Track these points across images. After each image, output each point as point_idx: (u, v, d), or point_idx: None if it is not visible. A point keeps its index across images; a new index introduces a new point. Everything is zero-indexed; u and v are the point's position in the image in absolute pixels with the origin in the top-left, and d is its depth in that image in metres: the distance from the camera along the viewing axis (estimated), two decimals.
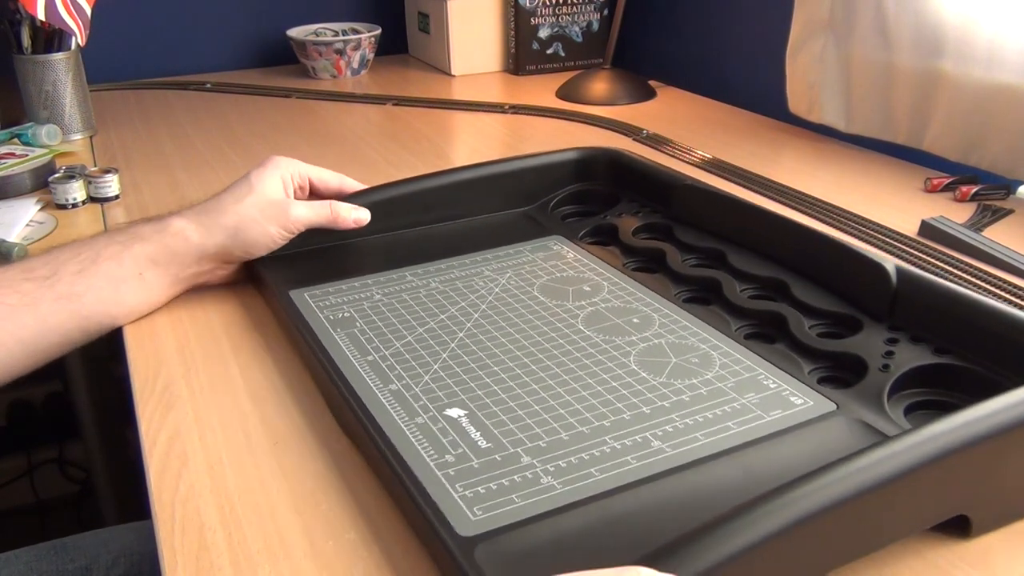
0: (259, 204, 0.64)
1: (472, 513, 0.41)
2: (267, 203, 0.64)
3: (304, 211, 0.66)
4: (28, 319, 0.55)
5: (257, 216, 0.64)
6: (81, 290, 0.57)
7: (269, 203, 0.65)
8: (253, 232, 0.64)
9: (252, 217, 0.64)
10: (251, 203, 0.64)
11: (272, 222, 0.64)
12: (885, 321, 0.55)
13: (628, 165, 0.79)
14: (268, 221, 0.64)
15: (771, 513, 0.35)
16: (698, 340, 0.56)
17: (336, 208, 0.68)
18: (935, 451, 0.38)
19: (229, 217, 0.63)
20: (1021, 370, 0.44)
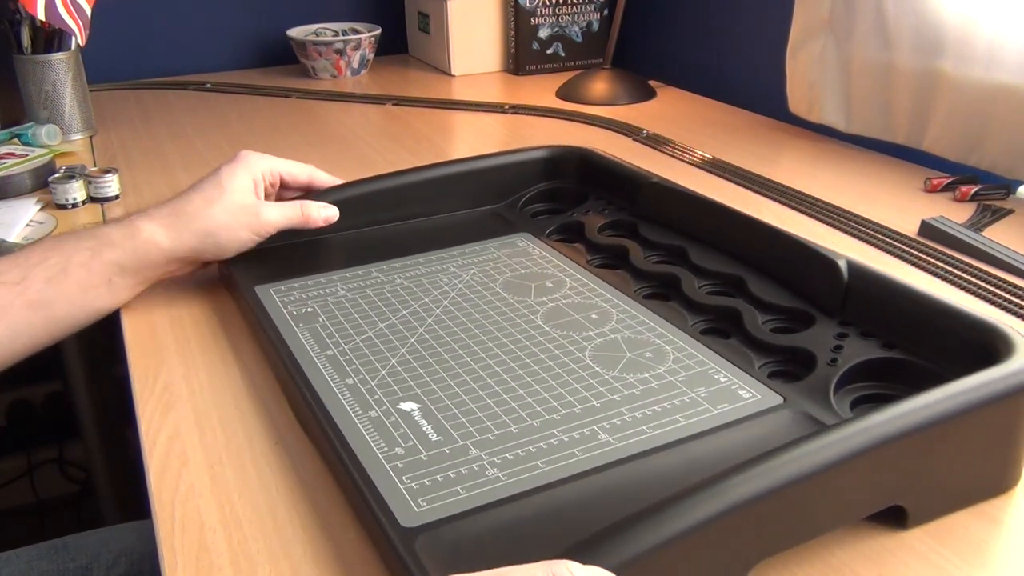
0: (230, 208, 0.64)
1: (416, 504, 0.42)
2: (238, 207, 0.64)
3: (275, 214, 0.66)
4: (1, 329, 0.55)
5: (229, 221, 0.63)
6: (51, 297, 0.57)
7: (240, 207, 0.64)
8: (224, 236, 0.64)
9: (223, 223, 0.63)
10: (222, 207, 0.63)
11: (244, 227, 0.64)
12: (836, 316, 0.56)
13: (596, 163, 0.79)
14: (239, 225, 0.64)
15: (701, 502, 0.36)
16: (654, 335, 0.57)
17: (307, 209, 0.68)
18: (868, 441, 0.39)
19: (200, 221, 0.63)
20: (966, 364, 0.45)
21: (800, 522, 0.40)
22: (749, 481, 0.37)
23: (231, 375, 0.57)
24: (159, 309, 0.65)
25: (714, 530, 0.36)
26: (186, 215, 0.63)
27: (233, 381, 0.56)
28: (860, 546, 0.42)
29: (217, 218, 0.63)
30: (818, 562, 0.41)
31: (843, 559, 0.41)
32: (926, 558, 0.42)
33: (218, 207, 0.63)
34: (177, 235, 0.62)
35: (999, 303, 0.65)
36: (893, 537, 0.43)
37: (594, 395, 0.51)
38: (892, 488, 0.42)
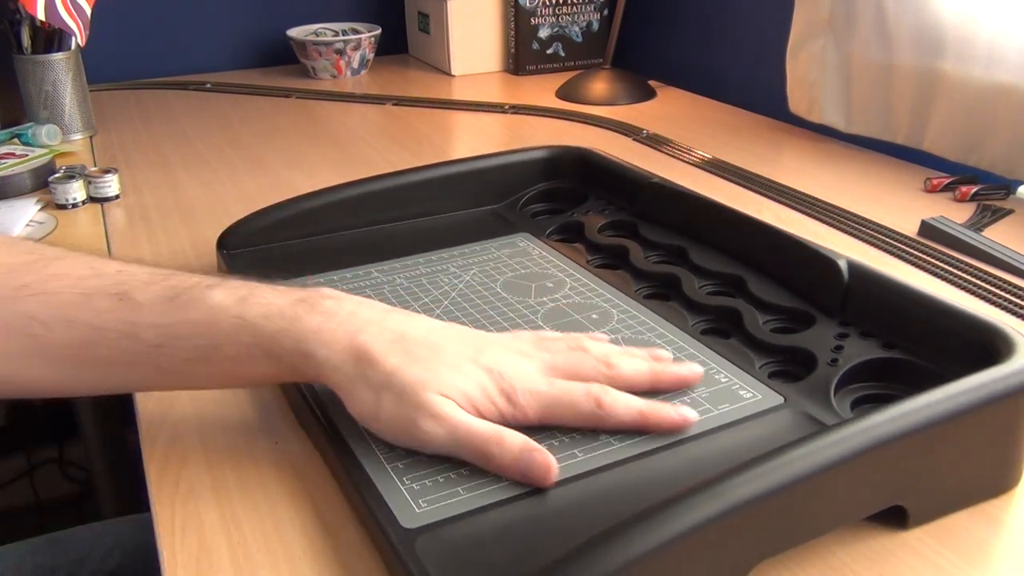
0: None
1: (417, 505, 0.42)
2: None
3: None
4: (116, 376, 0.48)
5: None
6: (182, 375, 0.48)
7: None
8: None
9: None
10: None
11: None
12: (837, 316, 0.56)
13: (596, 163, 0.79)
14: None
15: (702, 503, 0.36)
16: (654, 336, 0.57)
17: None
18: (869, 441, 0.39)
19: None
20: (966, 364, 0.45)
21: (801, 522, 0.40)
22: (750, 481, 0.37)
23: None
24: None
25: (715, 531, 0.36)
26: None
27: None
28: (860, 546, 0.42)
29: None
30: (818, 562, 0.41)
31: (843, 559, 0.41)
32: (926, 558, 0.42)
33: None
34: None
35: (999, 303, 0.65)
36: (893, 537, 0.43)
37: None
38: (892, 488, 0.42)
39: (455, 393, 0.45)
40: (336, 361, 0.45)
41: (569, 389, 0.46)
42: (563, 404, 0.46)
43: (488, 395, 0.45)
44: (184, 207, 0.86)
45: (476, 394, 0.45)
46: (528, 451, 0.43)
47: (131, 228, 0.82)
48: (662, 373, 0.50)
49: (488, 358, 0.46)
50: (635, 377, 0.49)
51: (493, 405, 0.45)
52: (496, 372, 0.46)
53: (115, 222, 0.83)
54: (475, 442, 0.44)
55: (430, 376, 0.44)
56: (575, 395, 0.46)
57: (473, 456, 0.44)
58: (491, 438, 0.43)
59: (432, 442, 0.44)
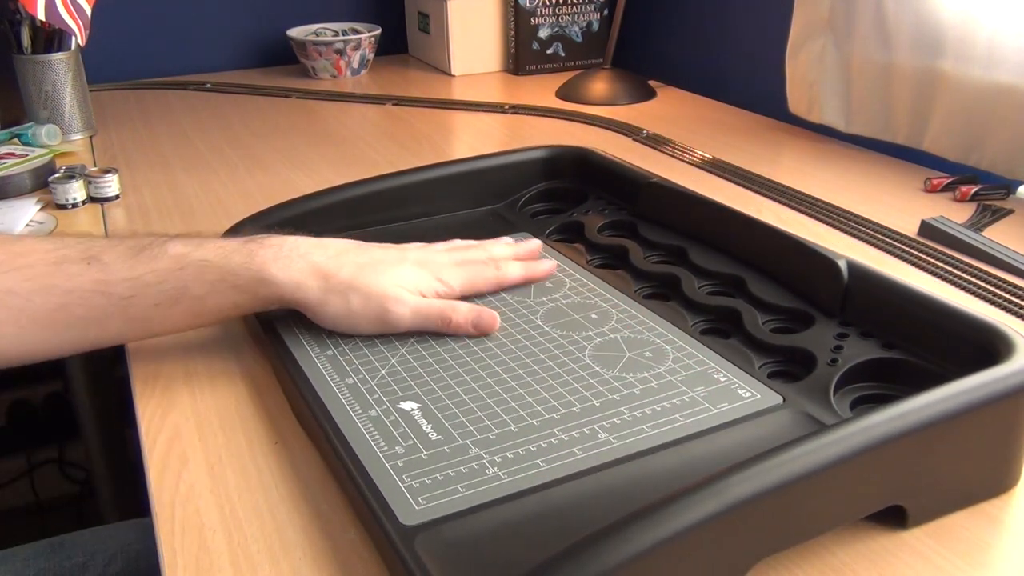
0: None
1: (416, 503, 0.42)
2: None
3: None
4: (92, 332, 0.53)
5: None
6: (155, 321, 0.54)
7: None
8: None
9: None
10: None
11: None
12: (837, 316, 0.56)
13: (596, 163, 0.79)
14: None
15: (700, 501, 0.36)
16: (653, 335, 0.57)
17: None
18: (868, 441, 0.39)
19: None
20: (966, 364, 0.45)
21: (800, 522, 0.40)
22: (748, 480, 0.37)
23: (231, 375, 0.57)
24: None
25: (713, 529, 0.36)
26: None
27: (233, 381, 0.56)
28: (860, 546, 0.42)
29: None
30: (818, 562, 0.41)
31: (843, 559, 0.41)
32: (926, 558, 0.42)
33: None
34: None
35: (999, 303, 0.65)
36: (893, 537, 0.43)
37: (594, 394, 0.51)
38: (892, 488, 0.42)
39: (405, 283, 0.57)
40: (298, 280, 0.54)
41: (475, 265, 0.62)
42: (477, 275, 0.61)
43: (426, 281, 0.58)
44: (184, 207, 0.86)
45: (419, 282, 0.58)
46: (476, 309, 0.57)
47: (131, 228, 0.82)
48: (520, 251, 0.66)
49: (413, 256, 0.59)
50: (505, 254, 0.65)
51: (431, 288, 0.58)
52: (423, 264, 0.59)
53: (115, 222, 0.83)
54: (434, 312, 0.56)
55: (382, 276, 0.56)
56: (480, 267, 0.62)
57: (435, 323, 0.56)
58: (446, 306, 0.57)
59: (401, 322, 0.56)
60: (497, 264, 0.62)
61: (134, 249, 0.53)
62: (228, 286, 0.54)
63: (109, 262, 0.52)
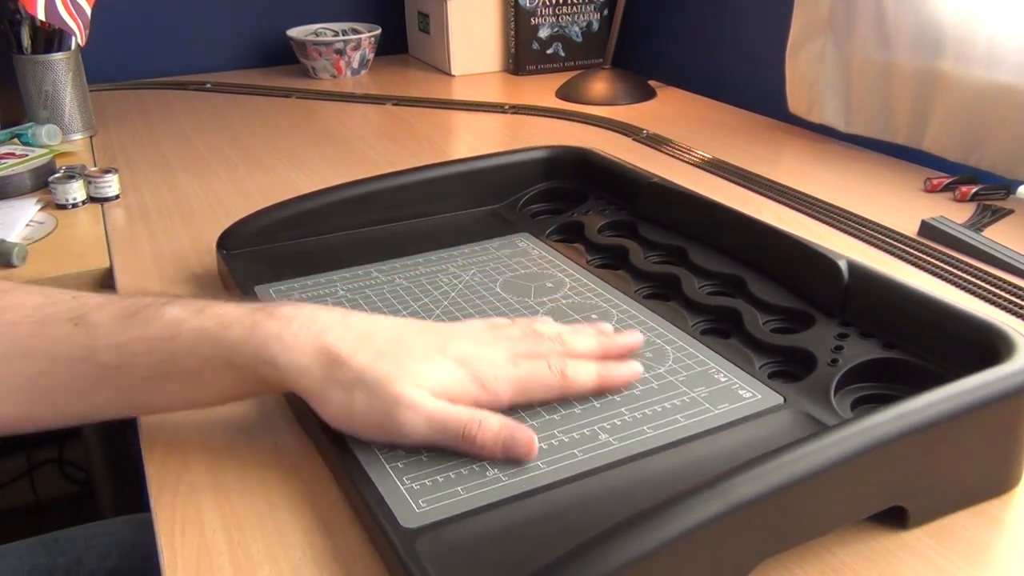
0: None
1: (417, 505, 0.42)
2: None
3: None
4: (79, 403, 0.47)
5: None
6: (144, 393, 0.47)
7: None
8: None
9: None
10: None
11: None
12: (837, 316, 0.56)
13: (596, 163, 0.79)
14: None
15: (702, 503, 0.36)
16: (654, 335, 0.57)
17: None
18: (869, 441, 0.39)
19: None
20: (966, 364, 0.45)
21: (801, 523, 0.40)
22: (750, 482, 0.37)
23: None
24: None
25: (716, 531, 0.36)
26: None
27: None
28: (860, 546, 0.42)
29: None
30: (818, 562, 0.41)
31: (843, 559, 0.41)
32: (926, 558, 0.42)
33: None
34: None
35: (999, 303, 0.65)
36: (893, 537, 0.43)
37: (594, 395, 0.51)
38: (893, 488, 0.42)
39: (429, 384, 0.45)
40: (301, 365, 0.45)
41: (535, 367, 0.48)
42: (532, 381, 0.48)
43: (461, 384, 0.46)
44: (184, 207, 0.86)
45: (450, 383, 0.46)
46: (508, 428, 0.45)
47: (131, 228, 0.82)
48: (610, 345, 0.53)
49: (455, 349, 0.47)
50: (588, 350, 0.51)
51: (467, 393, 0.46)
52: (464, 361, 0.47)
53: (115, 222, 0.83)
54: (454, 425, 0.44)
55: (402, 370, 0.45)
56: (541, 371, 0.48)
57: (454, 441, 0.44)
58: (470, 420, 0.45)
59: (412, 433, 0.44)
60: (564, 367, 0.49)
61: (127, 310, 0.46)
62: (223, 363, 0.45)
63: (97, 324, 0.46)
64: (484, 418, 0.45)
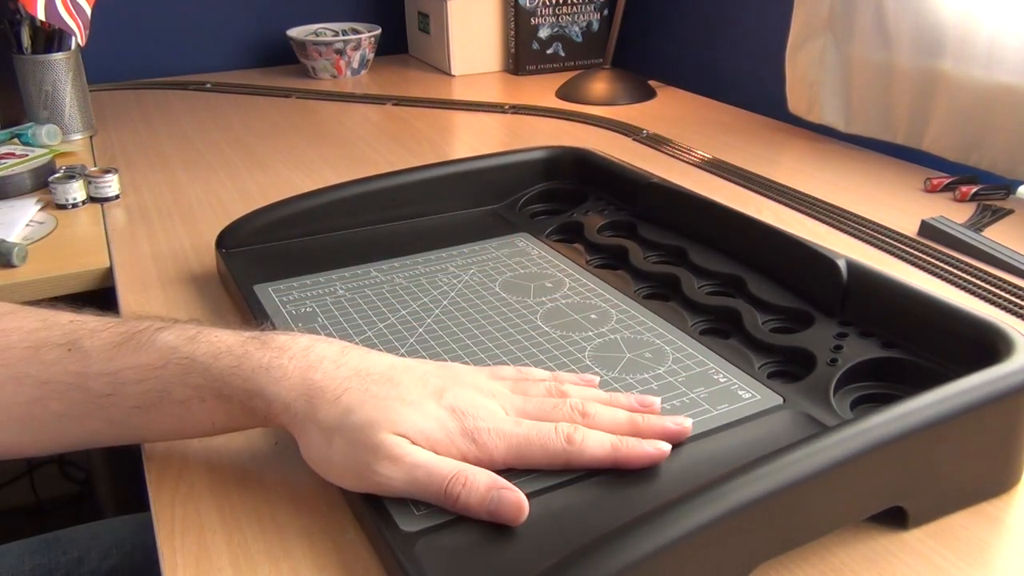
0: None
1: (417, 508, 0.42)
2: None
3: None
4: (73, 431, 0.46)
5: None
6: (135, 423, 0.46)
7: None
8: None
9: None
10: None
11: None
12: (836, 316, 0.56)
13: (595, 164, 0.79)
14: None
15: (702, 505, 0.36)
16: (653, 336, 0.57)
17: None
18: (869, 442, 0.39)
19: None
20: (966, 363, 0.45)
21: (801, 524, 0.40)
22: (750, 484, 0.37)
23: None
24: (158, 309, 0.65)
25: (716, 533, 0.36)
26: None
27: None
28: (860, 546, 0.42)
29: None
30: (818, 562, 0.41)
31: (843, 559, 0.41)
32: (926, 559, 0.42)
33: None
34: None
35: (999, 303, 0.65)
36: (893, 538, 0.43)
37: None
38: (892, 489, 0.42)
39: (413, 433, 0.42)
40: (286, 399, 0.43)
41: (539, 428, 0.43)
42: (532, 445, 0.43)
43: (449, 436, 0.42)
44: (184, 207, 0.86)
45: (437, 434, 0.42)
46: (496, 489, 0.40)
47: (131, 228, 0.82)
48: (643, 427, 0.45)
49: (452, 396, 0.44)
50: (613, 427, 0.45)
51: (454, 446, 0.42)
52: (460, 412, 0.43)
53: (115, 222, 0.83)
54: (436, 483, 0.41)
55: (386, 415, 0.42)
56: (545, 434, 0.43)
57: (435, 498, 0.41)
58: (455, 477, 0.41)
59: (390, 486, 0.41)
60: (572, 432, 0.43)
61: (121, 336, 0.45)
62: (212, 393, 0.43)
63: (89, 350, 0.44)
64: (471, 475, 0.41)
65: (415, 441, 0.42)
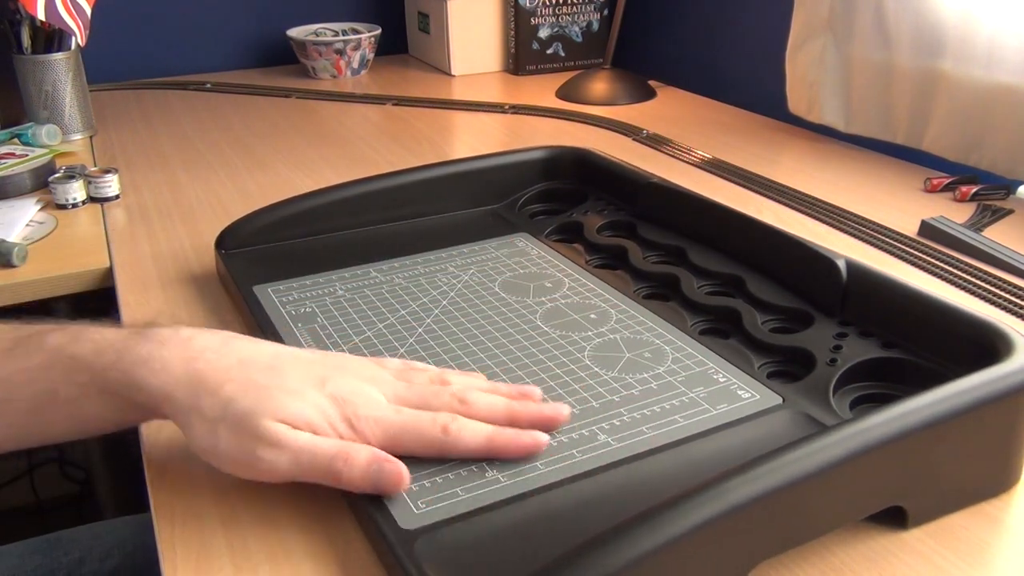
0: None
1: (416, 506, 0.42)
2: None
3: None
4: None
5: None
6: (33, 426, 0.46)
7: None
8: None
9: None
10: None
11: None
12: (836, 316, 0.56)
13: (595, 163, 0.79)
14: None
15: (701, 504, 0.36)
16: (653, 335, 0.57)
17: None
18: (868, 442, 0.39)
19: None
20: (966, 364, 0.45)
21: (800, 523, 0.40)
22: (749, 482, 0.37)
23: None
24: (158, 309, 0.65)
25: (714, 532, 0.36)
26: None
27: None
28: (860, 546, 0.42)
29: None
30: (818, 562, 0.41)
31: (843, 559, 0.41)
32: (926, 558, 0.42)
33: None
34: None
35: (999, 303, 0.65)
36: (893, 538, 0.43)
37: (593, 396, 0.51)
38: (892, 489, 0.42)
39: (294, 420, 0.43)
40: (168, 391, 0.43)
41: (416, 416, 0.45)
42: (408, 432, 0.44)
43: (329, 422, 0.43)
44: (184, 207, 0.86)
45: (317, 420, 0.43)
46: (377, 461, 0.42)
47: (131, 228, 0.82)
48: (519, 412, 0.47)
49: (333, 385, 0.45)
50: (489, 413, 0.46)
51: (334, 432, 0.43)
52: (340, 399, 0.44)
53: (115, 222, 0.83)
54: (320, 463, 0.42)
55: (268, 404, 0.42)
56: (422, 423, 0.45)
57: (320, 476, 0.42)
58: (336, 455, 0.42)
59: (276, 471, 0.42)
60: (448, 422, 0.45)
61: (12, 342, 0.46)
62: (97, 390, 0.44)
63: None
64: (352, 452, 0.42)
65: (296, 427, 0.43)
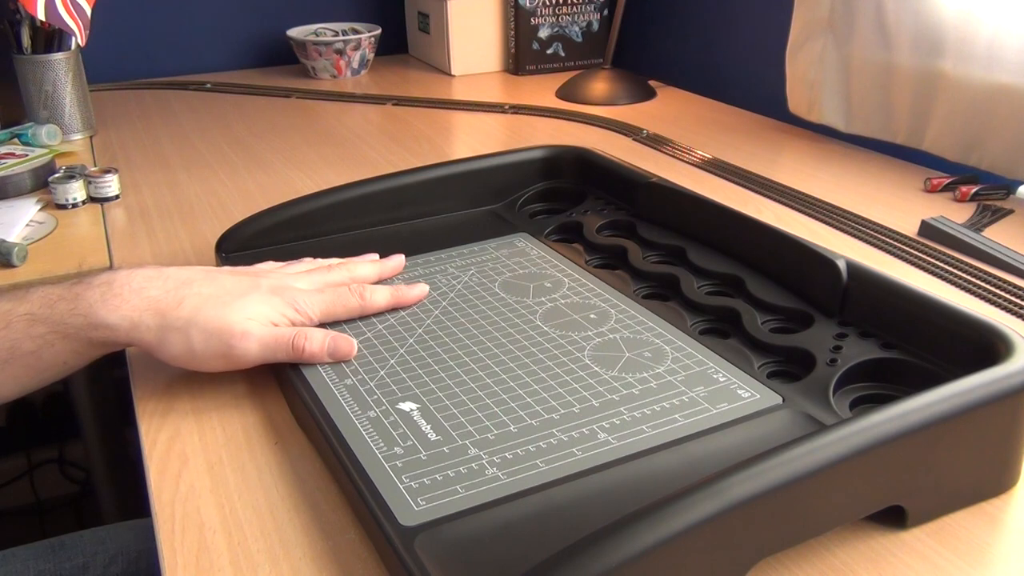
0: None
1: (416, 503, 0.42)
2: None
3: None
4: None
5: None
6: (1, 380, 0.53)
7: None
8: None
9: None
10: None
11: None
12: (836, 316, 0.56)
13: (595, 163, 0.79)
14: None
15: (700, 501, 0.36)
16: (653, 335, 0.57)
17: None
18: (868, 441, 0.39)
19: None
20: (965, 364, 0.45)
21: (799, 522, 0.40)
22: (748, 480, 0.37)
23: (231, 376, 0.57)
24: None
25: (713, 529, 0.36)
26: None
27: (233, 382, 0.56)
28: (860, 546, 0.42)
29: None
30: (818, 562, 0.41)
31: (843, 559, 0.41)
32: (926, 558, 0.42)
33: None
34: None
35: (999, 303, 0.65)
36: (893, 537, 0.43)
37: (593, 395, 0.51)
38: (892, 488, 0.42)
39: (255, 314, 0.53)
40: (133, 319, 0.51)
41: (338, 292, 0.58)
42: (337, 304, 0.57)
43: (278, 310, 0.54)
44: (184, 207, 0.86)
45: (269, 312, 0.54)
46: (331, 336, 0.54)
47: (131, 228, 0.82)
48: (384, 267, 0.64)
49: (267, 283, 0.56)
50: (371, 275, 0.63)
51: (284, 316, 0.55)
52: (279, 291, 0.55)
53: (115, 222, 0.83)
54: (284, 342, 0.53)
55: (228, 308, 0.52)
56: (344, 295, 0.58)
57: (286, 354, 0.53)
58: (297, 334, 0.53)
59: (247, 356, 0.52)
60: (362, 290, 0.59)
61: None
62: (59, 337, 0.51)
63: None
64: (308, 331, 0.54)
65: (256, 319, 0.53)
